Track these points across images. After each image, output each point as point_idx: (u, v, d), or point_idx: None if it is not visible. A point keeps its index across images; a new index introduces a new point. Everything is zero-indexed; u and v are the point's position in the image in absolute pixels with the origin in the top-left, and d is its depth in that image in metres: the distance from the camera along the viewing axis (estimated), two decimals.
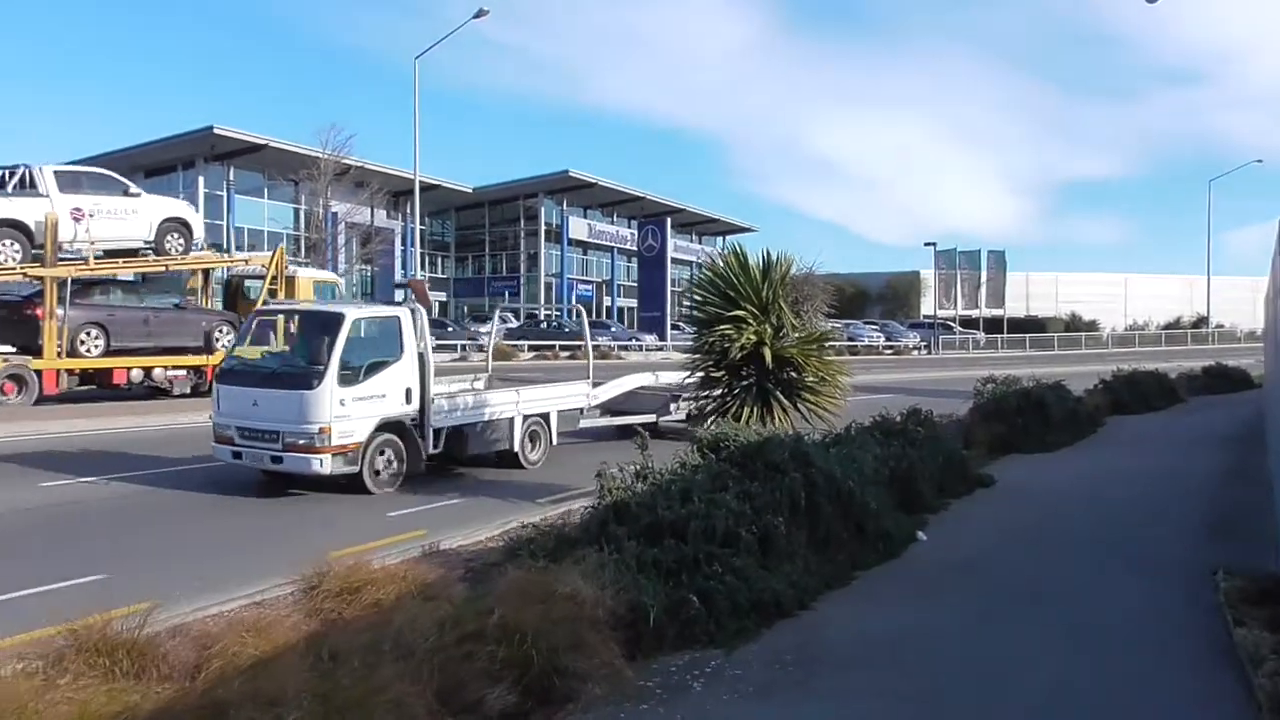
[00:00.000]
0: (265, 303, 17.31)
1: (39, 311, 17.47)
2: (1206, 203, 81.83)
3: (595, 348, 26.13)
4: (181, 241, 20.43)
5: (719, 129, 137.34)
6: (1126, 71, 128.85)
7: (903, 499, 9.39)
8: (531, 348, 43.27)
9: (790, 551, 6.93)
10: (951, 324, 62.14)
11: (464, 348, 45.36)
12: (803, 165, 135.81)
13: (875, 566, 7.58)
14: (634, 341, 47.17)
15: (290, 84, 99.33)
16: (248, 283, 22.05)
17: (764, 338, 10.67)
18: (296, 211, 49.65)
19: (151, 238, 19.85)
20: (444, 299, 64.39)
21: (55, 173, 18.60)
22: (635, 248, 57.11)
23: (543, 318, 49.49)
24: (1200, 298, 69.73)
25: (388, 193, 47.70)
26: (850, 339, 53.36)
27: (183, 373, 19.26)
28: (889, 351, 53.52)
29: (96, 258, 18.64)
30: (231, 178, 46.36)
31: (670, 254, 68.12)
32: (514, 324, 54.22)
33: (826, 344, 11.27)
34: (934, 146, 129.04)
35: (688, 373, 11.67)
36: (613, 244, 63.40)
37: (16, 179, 18.28)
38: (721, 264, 11.20)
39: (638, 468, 7.38)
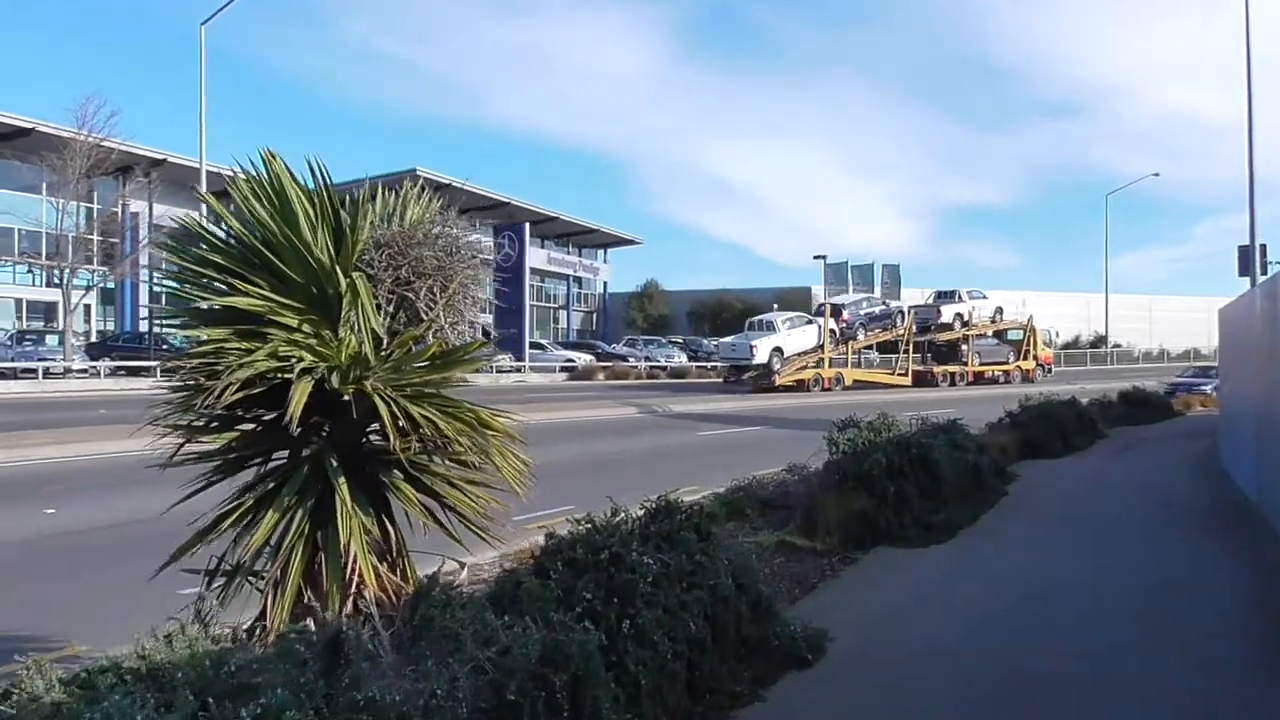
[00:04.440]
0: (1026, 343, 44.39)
1: (963, 347, 41.22)
2: (1095, 226, 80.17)
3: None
4: (1000, 315, 43.74)
5: (620, 150, 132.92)
6: (1013, 103, 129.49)
7: None
8: None
9: None
10: None
11: None
12: (703, 187, 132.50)
13: None
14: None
15: (74, 65, 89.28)
16: (1009, 332, 44.37)
17: (324, 355, 4.77)
18: (90, 210, 42.61)
19: (992, 314, 43.30)
20: None
21: (967, 291, 42.95)
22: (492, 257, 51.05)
23: None
24: (1096, 315, 67.06)
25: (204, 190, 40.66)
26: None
27: (1000, 375, 42.28)
28: None
29: (968, 324, 41.56)
30: None
31: (540, 265, 62.29)
32: None
33: (459, 368, 5.20)
34: (829, 171, 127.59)
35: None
36: (474, 254, 57.06)
37: (956, 295, 42.39)
38: (236, 196, 5.11)
39: None
